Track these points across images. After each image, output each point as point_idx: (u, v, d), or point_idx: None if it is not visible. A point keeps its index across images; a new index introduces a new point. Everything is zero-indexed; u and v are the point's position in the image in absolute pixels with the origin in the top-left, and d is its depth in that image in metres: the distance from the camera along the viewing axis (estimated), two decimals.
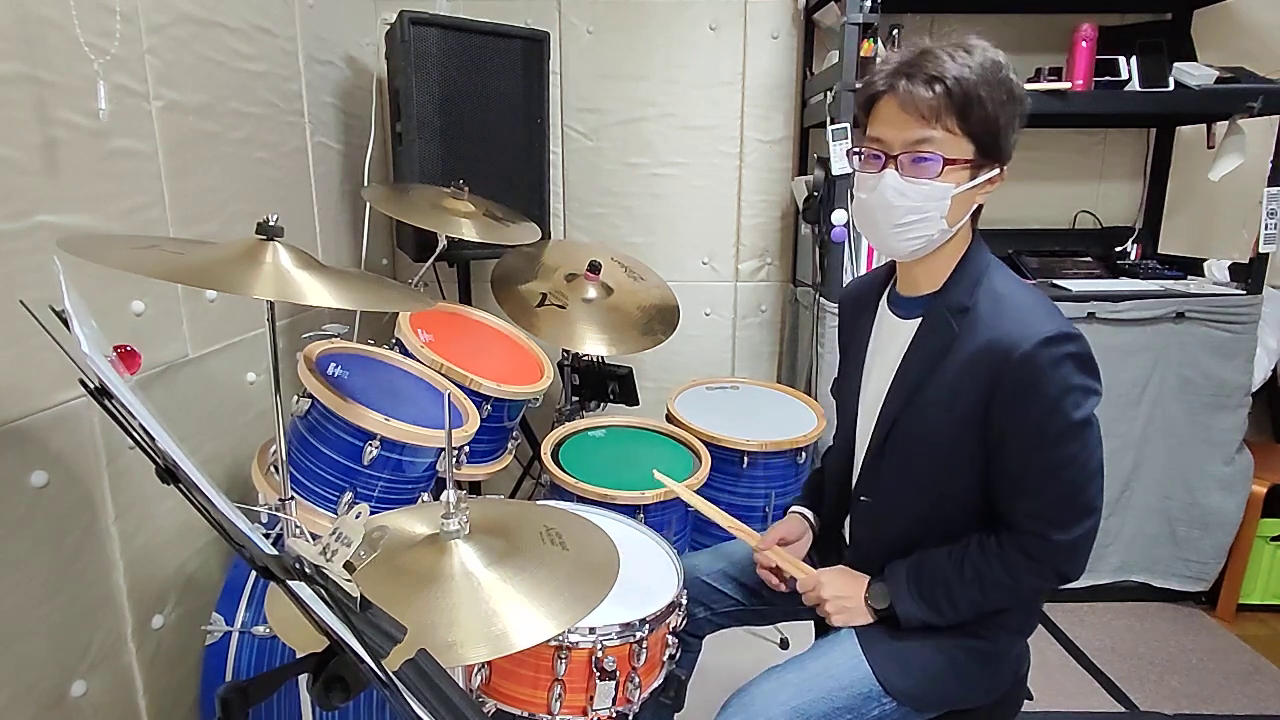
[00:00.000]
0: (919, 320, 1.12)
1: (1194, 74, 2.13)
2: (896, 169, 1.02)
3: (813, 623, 1.41)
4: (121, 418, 0.65)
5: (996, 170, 1.04)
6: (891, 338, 1.17)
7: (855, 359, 1.24)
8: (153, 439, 0.61)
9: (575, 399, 2.28)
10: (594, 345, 1.97)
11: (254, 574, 1.40)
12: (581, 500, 1.58)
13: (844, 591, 1.16)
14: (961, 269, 1.09)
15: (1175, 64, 2.17)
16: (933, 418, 1.08)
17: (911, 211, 1.03)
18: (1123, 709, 1.91)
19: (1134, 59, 2.13)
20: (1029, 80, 2.17)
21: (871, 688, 1.09)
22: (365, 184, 2.32)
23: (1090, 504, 1.03)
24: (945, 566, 1.09)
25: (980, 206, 1.08)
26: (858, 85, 2.02)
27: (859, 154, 1.08)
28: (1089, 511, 1.03)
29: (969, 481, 1.09)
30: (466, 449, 1.57)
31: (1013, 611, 1.13)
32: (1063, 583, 1.07)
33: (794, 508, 1.38)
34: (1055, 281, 2.31)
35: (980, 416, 1.04)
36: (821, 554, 1.35)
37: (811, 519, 1.35)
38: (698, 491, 1.70)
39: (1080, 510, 1.03)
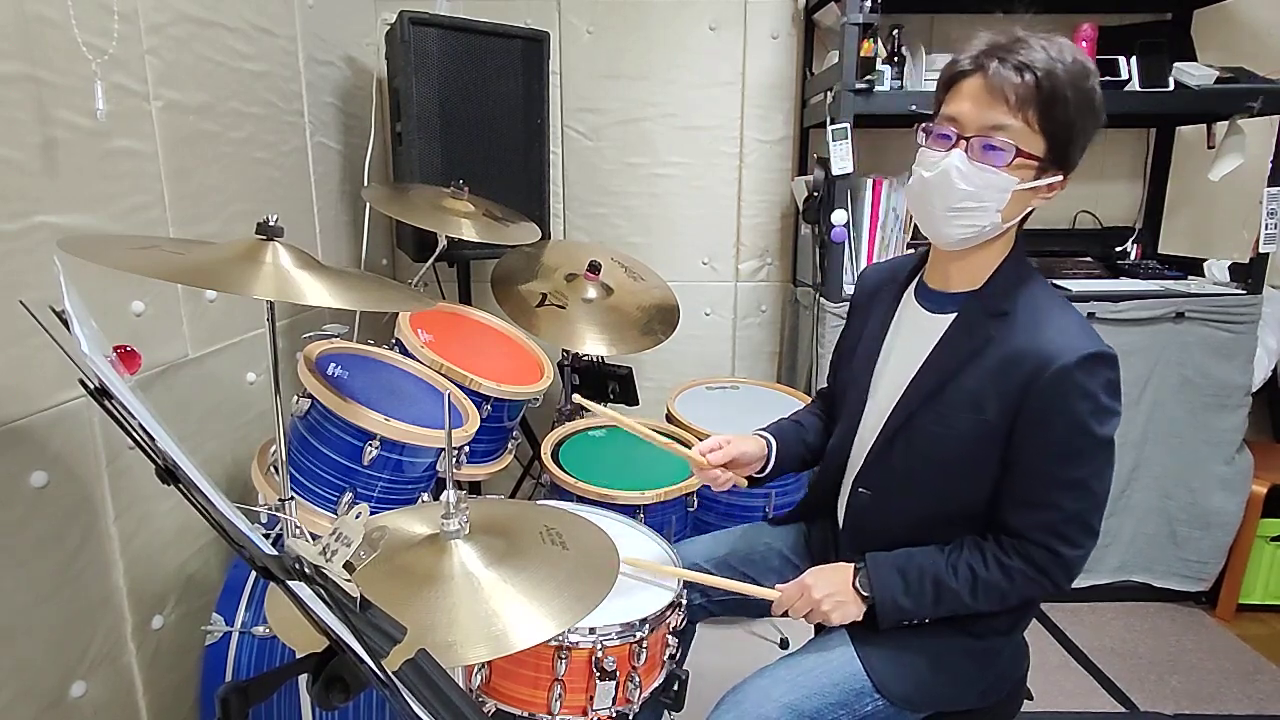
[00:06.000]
0: (952, 317, 1.10)
1: (1194, 74, 2.13)
2: (966, 151, 1.00)
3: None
4: (121, 418, 0.64)
5: (1060, 177, 1.02)
6: (917, 331, 1.14)
7: (869, 347, 1.21)
8: (153, 439, 0.61)
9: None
10: (594, 345, 1.97)
11: (254, 574, 1.40)
12: (581, 500, 1.58)
13: (834, 587, 1.11)
14: (1002, 272, 1.08)
15: (1175, 64, 2.17)
16: (954, 418, 1.07)
17: (970, 198, 1.01)
18: (1123, 709, 1.91)
19: (1134, 59, 2.13)
20: None
21: (864, 684, 1.09)
22: (365, 184, 2.32)
23: (1095, 527, 1.04)
24: (937, 561, 1.08)
25: (1031, 212, 1.07)
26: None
27: (927, 131, 1.06)
28: (1094, 533, 1.04)
29: (978, 488, 1.08)
30: (466, 449, 1.57)
31: (1006, 613, 1.12)
32: (1056, 595, 1.07)
33: (760, 430, 1.34)
34: (1055, 281, 2.31)
35: (1006, 425, 1.03)
36: (813, 542, 1.35)
37: (773, 446, 1.31)
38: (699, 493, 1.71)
39: (1088, 530, 1.03)
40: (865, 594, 1.10)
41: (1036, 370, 0.99)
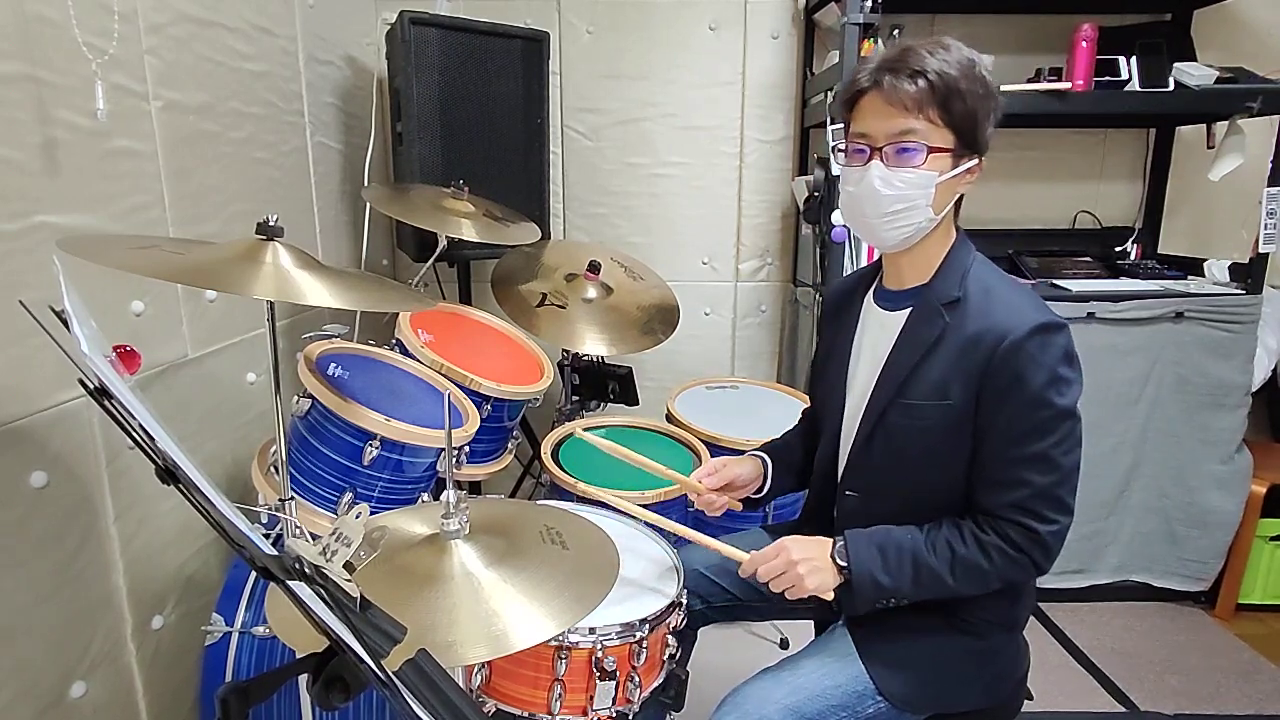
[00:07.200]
0: (907, 312, 1.13)
1: (1194, 74, 2.13)
2: (882, 160, 1.05)
3: (812, 622, 1.41)
4: (121, 418, 0.65)
5: (976, 161, 1.07)
6: (879, 330, 1.18)
7: (840, 354, 1.24)
8: (153, 439, 0.61)
9: (575, 399, 2.28)
10: (594, 345, 1.97)
11: (254, 574, 1.40)
12: (581, 500, 1.58)
13: (811, 553, 1.10)
14: (949, 262, 1.12)
15: (1175, 64, 2.17)
16: (923, 409, 1.08)
17: (899, 200, 1.05)
18: (1123, 709, 1.91)
19: (1134, 59, 2.13)
20: (1029, 80, 2.17)
21: (866, 685, 1.09)
22: (365, 184, 2.32)
23: (1068, 501, 1.04)
24: (916, 539, 1.08)
25: (961, 198, 1.11)
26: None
27: (843, 150, 1.10)
28: (1067, 509, 1.04)
29: (957, 477, 1.09)
30: (466, 449, 1.57)
31: (1003, 605, 1.12)
32: (1036, 576, 1.08)
33: (754, 451, 1.37)
34: (1055, 281, 2.31)
35: (971, 408, 1.05)
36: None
37: (768, 466, 1.34)
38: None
39: (1059, 506, 1.04)
40: (842, 564, 1.09)
41: (991, 347, 1.02)
